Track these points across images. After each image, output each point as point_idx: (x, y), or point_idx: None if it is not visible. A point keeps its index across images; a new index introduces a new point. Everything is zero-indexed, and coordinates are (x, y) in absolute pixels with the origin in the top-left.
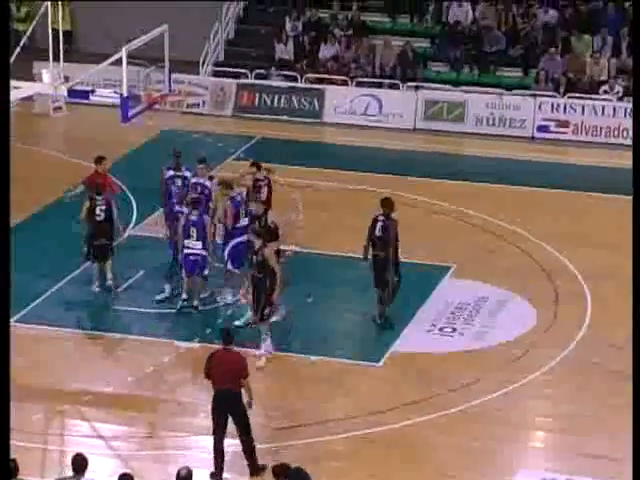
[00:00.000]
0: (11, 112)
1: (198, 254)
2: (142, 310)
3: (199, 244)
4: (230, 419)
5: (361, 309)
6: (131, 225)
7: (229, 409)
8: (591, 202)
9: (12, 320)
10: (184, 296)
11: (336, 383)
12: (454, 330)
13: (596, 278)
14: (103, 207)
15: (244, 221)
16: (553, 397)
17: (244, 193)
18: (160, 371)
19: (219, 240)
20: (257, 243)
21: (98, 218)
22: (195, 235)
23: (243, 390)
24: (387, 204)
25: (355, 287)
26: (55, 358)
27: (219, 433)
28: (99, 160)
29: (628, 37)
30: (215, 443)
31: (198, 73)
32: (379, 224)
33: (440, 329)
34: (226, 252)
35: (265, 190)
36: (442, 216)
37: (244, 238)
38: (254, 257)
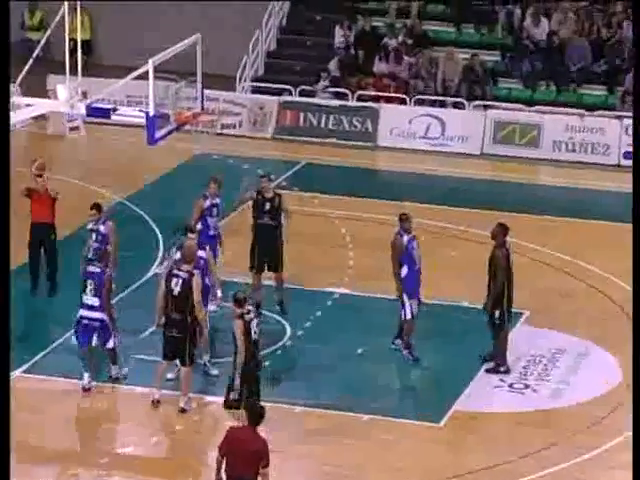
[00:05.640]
0: (22, 133)
1: None
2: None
3: None
4: None
5: (418, 361)
6: (156, 262)
7: None
8: None
9: (18, 371)
10: None
11: (388, 446)
12: (527, 387)
13: None
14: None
15: None
16: None
17: None
18: (189, 431)
19: None
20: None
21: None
22: None
23: None
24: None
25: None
26: (67, 414)
27: None
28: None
29: None
30: None
31: (235, 89)
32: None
33: (510, 385)
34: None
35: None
36: (513, 254)
37: None
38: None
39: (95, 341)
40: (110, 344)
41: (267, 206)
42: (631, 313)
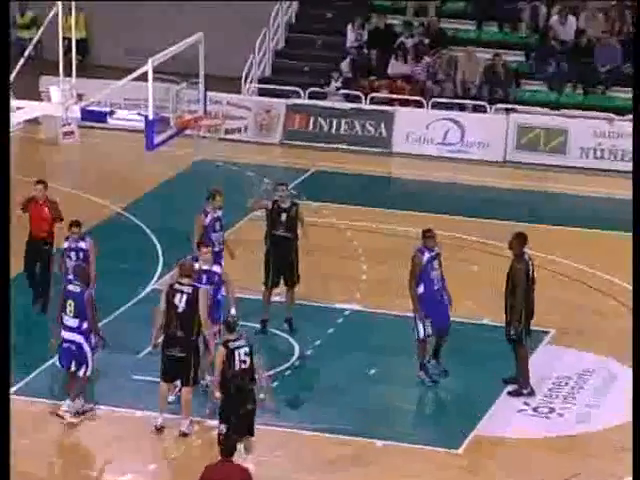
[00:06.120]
0: (13, 138)
1: None
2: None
3: None
4: None
5: (436, 383)
6: (156, 276)
7: None
8: None
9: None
10: None
11: (404, 473)
12: (552, 410)
13: None
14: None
15: None
16: None
17: None
18: (191, 457)
19: None
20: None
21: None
22: None
23: None
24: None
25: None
26: (60, 439)
27: None
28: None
29: None
30: None
31: (239, 91)
32: (531, 261)
33: (534, 409)
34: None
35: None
36: (537, 269)
37: None
38: None
39: (73, 366)
40: (81, 372)
41: (283, 217)
42: None
